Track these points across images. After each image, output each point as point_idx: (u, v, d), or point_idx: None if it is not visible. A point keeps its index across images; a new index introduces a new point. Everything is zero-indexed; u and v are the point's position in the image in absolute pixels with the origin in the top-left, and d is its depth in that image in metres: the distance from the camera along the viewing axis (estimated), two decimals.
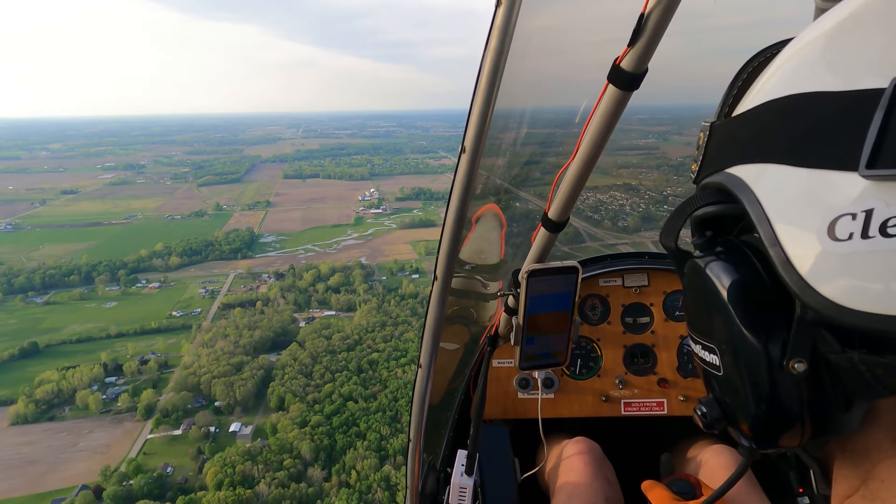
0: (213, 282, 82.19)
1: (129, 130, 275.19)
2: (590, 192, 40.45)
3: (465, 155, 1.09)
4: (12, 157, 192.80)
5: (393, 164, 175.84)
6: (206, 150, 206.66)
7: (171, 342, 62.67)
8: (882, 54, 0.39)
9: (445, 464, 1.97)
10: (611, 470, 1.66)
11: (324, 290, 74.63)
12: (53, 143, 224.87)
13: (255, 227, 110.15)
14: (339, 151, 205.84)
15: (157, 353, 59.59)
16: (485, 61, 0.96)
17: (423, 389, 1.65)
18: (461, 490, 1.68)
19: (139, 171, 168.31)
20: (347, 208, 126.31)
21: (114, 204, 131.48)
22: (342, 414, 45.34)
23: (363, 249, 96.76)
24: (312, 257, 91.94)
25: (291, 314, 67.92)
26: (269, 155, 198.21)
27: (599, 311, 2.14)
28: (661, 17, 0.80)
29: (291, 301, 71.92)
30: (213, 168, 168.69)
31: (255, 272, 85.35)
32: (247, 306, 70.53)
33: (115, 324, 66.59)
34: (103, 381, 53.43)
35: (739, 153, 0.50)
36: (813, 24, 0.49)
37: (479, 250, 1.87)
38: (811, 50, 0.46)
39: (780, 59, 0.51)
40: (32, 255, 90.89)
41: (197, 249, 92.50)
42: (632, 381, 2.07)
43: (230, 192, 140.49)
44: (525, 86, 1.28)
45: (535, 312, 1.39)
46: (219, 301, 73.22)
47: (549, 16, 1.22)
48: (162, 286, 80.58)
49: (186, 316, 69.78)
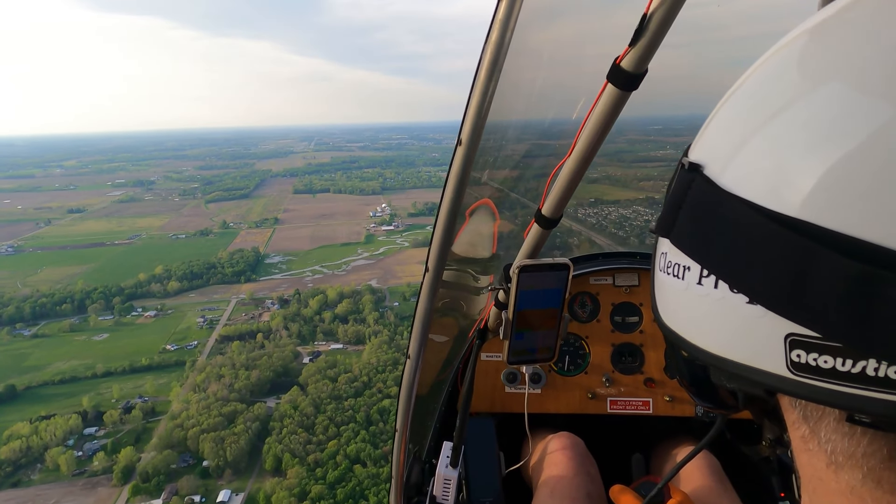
0: (212, 309, 76.46)
1: (144, 146, 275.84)
2: (611, 207, 33.91)
3: (460, 147, 1.09)
4: (27, 175, 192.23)
5: (405, 177, 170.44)
6: (217, 165, 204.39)
7: (161, 382, 56.59)
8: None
9: (431, 455, 1.98)
10: (594, 465, 1.69)
11: (330, 320, 68.16)
12: (69, 159, 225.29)
13: (262, 245, 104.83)
14: (350, 164, 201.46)
15: (145, 397, 53.47)
16: (484, 54, 0.95)
17: (410, 380, 1.66)
18: (445, 481, 1.70)
19: (148, 188, 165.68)
20: (358, 225, 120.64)
21: (119, 223, 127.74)
22: (348, 482, 38.35)
23: (374, 271, 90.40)
24: (320, 280, 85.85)
25: (294, 349, 61.51)
26: (280, 169, 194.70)
27: (589, 309, 2.15)
28: (663, 19, 0.79)
29: (295, 332, 65.58)
30: (223, 183, 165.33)
31: (257, 297, 79.44)
32: (246, 339, 64.39)
33: (103, 360, 60.90)
34: (81, 434, 47.35)
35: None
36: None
37: (472, 244, 1.86)
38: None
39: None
40: (28, 281, 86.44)
41: (198, 273, 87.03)
42: (619, 380, 2.09)
43: (238, 209, 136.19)
44: (526, 81, 1.28)
45: (524, 308, 1.40)
46: (217, 333, 67.23)
47: (551, 10, 1.22)
48: (158, 314, 75.02)
49: (181, 350, 63.86)
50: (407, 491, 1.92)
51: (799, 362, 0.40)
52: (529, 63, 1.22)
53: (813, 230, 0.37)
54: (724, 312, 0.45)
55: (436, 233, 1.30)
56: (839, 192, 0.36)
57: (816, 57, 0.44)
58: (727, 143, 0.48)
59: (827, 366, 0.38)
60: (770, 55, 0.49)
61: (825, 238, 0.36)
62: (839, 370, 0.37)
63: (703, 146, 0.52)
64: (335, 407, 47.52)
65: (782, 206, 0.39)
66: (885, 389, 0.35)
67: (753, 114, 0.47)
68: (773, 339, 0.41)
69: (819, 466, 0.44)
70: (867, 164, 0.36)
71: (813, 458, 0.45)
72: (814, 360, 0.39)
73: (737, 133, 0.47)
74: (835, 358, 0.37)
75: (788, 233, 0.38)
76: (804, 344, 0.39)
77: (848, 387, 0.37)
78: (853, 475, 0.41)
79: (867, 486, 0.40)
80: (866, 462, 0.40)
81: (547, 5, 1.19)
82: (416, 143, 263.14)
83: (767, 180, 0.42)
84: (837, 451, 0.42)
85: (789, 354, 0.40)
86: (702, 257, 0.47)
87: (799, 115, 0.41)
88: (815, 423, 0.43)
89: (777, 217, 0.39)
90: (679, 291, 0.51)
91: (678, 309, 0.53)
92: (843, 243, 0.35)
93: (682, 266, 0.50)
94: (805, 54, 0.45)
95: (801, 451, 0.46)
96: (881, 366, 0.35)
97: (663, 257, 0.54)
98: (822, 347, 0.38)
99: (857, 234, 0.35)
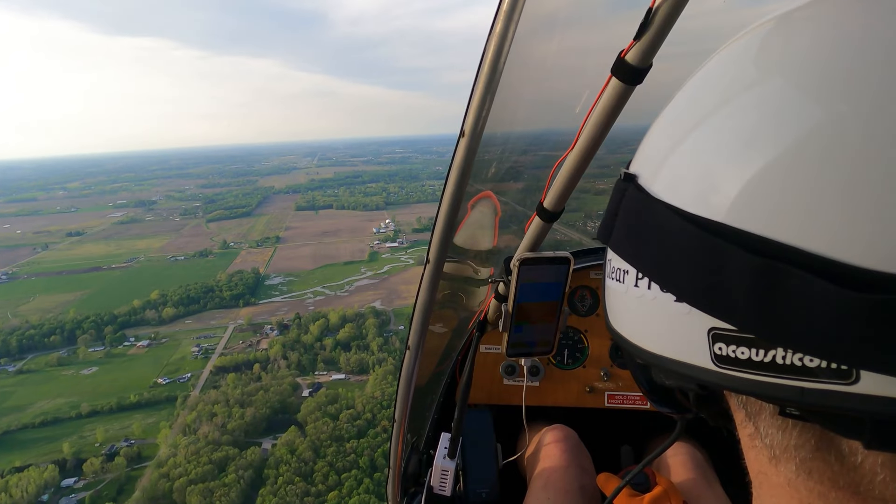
0: (209, 336, 72.49)
1: (148, 165, 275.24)
2: None
3: (463, 139, 1.10)
4: (29, 198, 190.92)
5: (409, 191, 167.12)
6: (220, 183, 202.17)
7: (149, 422, 52.40)
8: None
9: (429, 445, 2.01)
10: (587, 458, 1.71)
11: (332, 347, 63.87)
12: (72, 181, 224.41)
13: (262, 266, 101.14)
14: (353, 179, 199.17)
15: (131, 440, 49.27)
16: (489, 45, 0.96)
17: (409, 371, 1.69)
18: (443, 472, 1.73)
19: (149, 208, 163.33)
20: (361, 242, 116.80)
21: (118, 245, 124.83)
22: None
23: (378, 291, 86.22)
24: (321, 302, 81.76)
25: (293, 380, 57.20)
26: (283, 185, 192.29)
27: (589, 303, 2.15)
28: (669, 12, 0.79)
29: (294, 362, 61.32)
30: (225, 201, 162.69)
31: (256, 323, 75.42)
32: (243, 370, 60.24)
33: (90, 397, 56.89)
34: (58, 486, 43.11)
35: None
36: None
37: (473, 236, 1.86)
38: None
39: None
40: (20, 310, 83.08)
41: (195, 297, 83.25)
42: (617, 374, 2.09)
43: (239, 228, 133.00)
44: (529, 73, 1.28)
45: (524, 301, 1.40)
46: (212, 364, 63.13)
47: (556, 3, 1.22)
48: (151, 344, 71.15)
49: (173, 384, 59.73)
50: (404, 481, 1.93)
51: (721, 354, 0.42)
52: (536, 51, 1.21)
53: (726, 231, 0.40)
54: (657, 311, 0.48)
55: (437, 224, 1.29)
56: (750, 197, 0.39)
57: (736, 67, 0.46)
58: (658, 151, 0.51)
59: (744, 356, 0.40)
60: (705, 64, 0.51)
61: (736, 238, 0.39)
62: (754, 360, 0.40)
63: (640, 156, 0.55)
64: (336, 450, 43.00)
65: (701, 210, 0.43)
66: (793, 376, 0.38)
67: (679, 123, 0.50)
68: (698, 334, 0.44)
69: (763, 461, 0.47)
70: (776, 171, 0.38)
71: (759, 455, 0.47)
72: (733, 352, 0.41)
73: (666, 142, 0.50)
74: (749, 349, 0.40)
75: (705, 234, 0.41)
76: (724, 337, 0.42)
77: (763, 375, 0.40)
78: (788, 467, 0.44)
79: (801, 478, 0.43)
80: (798, 454, 0.43)
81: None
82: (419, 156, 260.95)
83: (689, 186, 0.45)
84: (775, 445, 0.44)
85: (712, 347, 0.43)
86: (635, 260, 0.51)
87: (719, 123, 0.44)
88: (756, 419, 0.46)
89: (696, 220, 0.42)
90: (621, 294, 0.54)
91: (621, 311, 0.56)
92: (750, 241, 0.38)
93: (622, 270, 0.53)
94: (726, 65, 0.48)
95: (749, 449, 0.49)
96: (787, 353, 0.38)
97: (609, 263, 0.58)
98: (739, 339, 0.41)
99: (764, 233, 0.38)
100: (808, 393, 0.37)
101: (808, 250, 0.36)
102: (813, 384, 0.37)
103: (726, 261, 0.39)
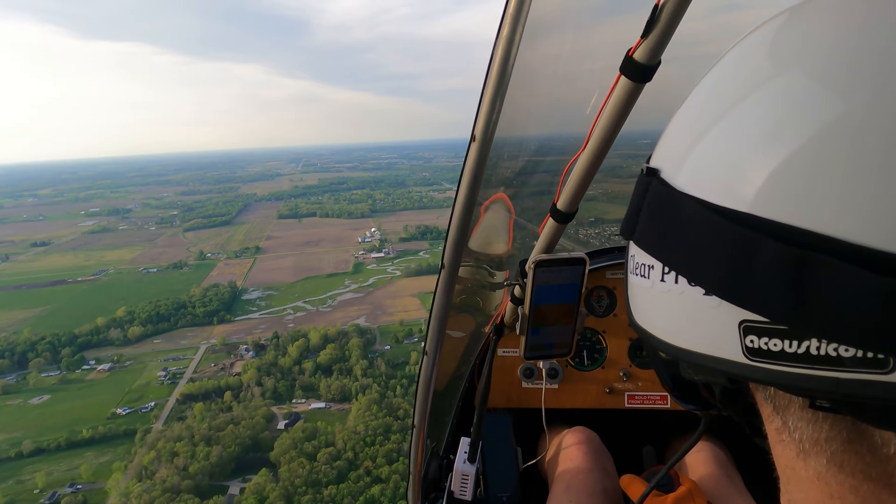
0: (178, 358, 66.50)
1: (126, 171, 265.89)
2: (614, 227, 25.55)
3: (474, 143, 1.10)
4: None
5: (395, 198, 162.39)
6: (200, 190, 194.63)
7: (102, 461, 46.43)
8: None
9: (448, 451, 2.01)
10: (609, 460, 1.70)
11: (312, 371, 58.55)
12: (44, 188, 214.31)
13: (240, 279, 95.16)
14: (338, 186, 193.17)
15: (77, 485, 43.34)
16: (496, 50, 0.96)
17: (428, 377, 1.69)
18: (463, 477, 1.73)
19: (124, 217, 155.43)
20: (346, 252, 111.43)
21: (86, 256, 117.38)
22: None
23: (362, 306, 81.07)
24: (302, 319, 76.28)
25: (267, 410, 51.76)
26: (265, 193, 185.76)
27: (606, 303, 2.15)
28: (676, 9, 0.78)
29: (270, 389, 55.84)
30: (204, 210, 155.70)
31: (230, 342, 69.68)
32: (213, 397, 54.59)
33: (35, 432, 50.58)
34: None
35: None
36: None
37: (488, 239, 1.85)
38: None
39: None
40: None
41: (165, 314, 77.02)
42: (636, 374, 2.08)
43: (218, 237, 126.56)
44: (537, 78, 1.29)
45: (541, 303, 1.41)
46: (178, 391, 57.30)
47: (561, 4, 1.22)
48: (114, 367, 64.88)
49: (133, 415, 53.77)
50: (425, 487, 1.92)
51: (753, 347, 0.42)
52: (544, 53, 1.21)
53: (754, 221, 0.40)
54: (685, 305, 0.48)
55: (451, 229, 1.29)
56: (777, 186, 0.39)
57: (757, 59, 0.46)
58: (680, 145, 0.50)
59: (777, 349, 0.40)
60: (723, 57, 0.51)
61: (765, 228, 0.39)
62: (787, 352, 0.39)
63: (661, 150, 0.55)
64: (312, 498, 37.81)
65: (727, 201, 0.42)
66: (828, 367, 0.37)
67: (701, 117, 0.49)
68: (728, 327, 0.43)
69: (791, 456, 0.46)
70: (804, 159, 0.38)
71: (786, 449, 0.46)
72: (765, 344, 0.41)
73: (688, 136, 0.50)
74: (782, 340, 0.39)
75: (733, 225, 0.41)
76: (755, 329, 0.41)
77: (797, 367, 0.39)
78: (818, 461, 0.43)
79: (831, 471, 0.42)
80: (829, 447, 0.42)
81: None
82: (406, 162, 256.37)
83: (714, 178, 0.45)
84: (804, 439, 0.44)
85: (744, 340, 0.42)
86: (661, 255, 0.50)
87: (742, 114, 0.44)
88: (784, 412, 0.45)
89: (722, 211, 0.42)
90: (646, 290, 0.54)
91: (646, 307, 0.56)
92: (781, 231, 0.38)
93: (647, 265, 0.53)
94: (746, 57, 0.48)
95: (776, 443, 0.48)
96: (822, 344, 0.37)
97: (632, 259, 0.57)
98: (771, 331, 0.40)
99: (794, 222, 0.37)
100: (843, 383, 0.36)
101: (840, 237, 0.35)
102: (848, 374, 0.36)
103: (756, 251, 0.39)
